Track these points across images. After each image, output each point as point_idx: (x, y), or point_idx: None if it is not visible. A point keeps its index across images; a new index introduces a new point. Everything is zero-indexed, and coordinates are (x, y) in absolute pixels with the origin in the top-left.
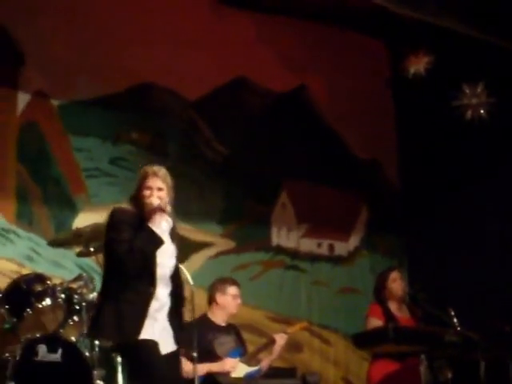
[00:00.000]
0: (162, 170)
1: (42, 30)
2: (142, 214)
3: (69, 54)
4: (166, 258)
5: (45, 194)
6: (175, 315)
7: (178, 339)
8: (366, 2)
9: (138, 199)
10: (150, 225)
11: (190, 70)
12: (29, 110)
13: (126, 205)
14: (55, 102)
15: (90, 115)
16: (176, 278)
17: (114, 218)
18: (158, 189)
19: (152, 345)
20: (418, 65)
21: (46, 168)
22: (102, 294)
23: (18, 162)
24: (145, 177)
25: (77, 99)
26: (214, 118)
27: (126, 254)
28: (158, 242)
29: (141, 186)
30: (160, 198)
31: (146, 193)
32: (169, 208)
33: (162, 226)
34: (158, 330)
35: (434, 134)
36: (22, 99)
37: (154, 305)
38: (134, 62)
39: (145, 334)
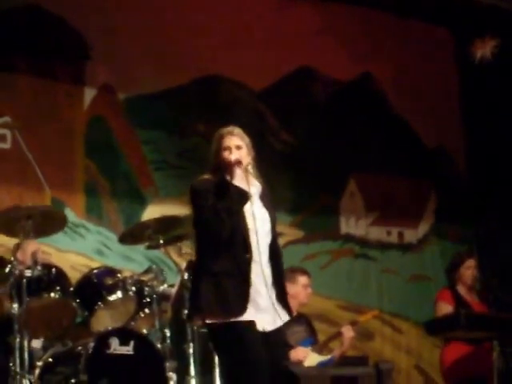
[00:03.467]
0: (236, 129)
1: (107, 24)
2: (223, 179)
3: (134, 47)
4: (258, 223)
5: (113, 187)
6: (279, 286)
7: (287, 311)
8: None
9: (217, 165)
10: (234, 182)
11: (255, 60)
12: (95, 104)
13: (206, 175)
14: (121, 96)
15: (156, 108)
16: (274, 247)
17: (194, 190)
18: (237, 147)
19: (250, 326)
20: (484, 49)
21: (114, 162)
22: (196, 270)
23: (85, 156)
24: (220, 138)
25: (143, 92)
26: (281, 108)
27: (212, 217)
28: (244, 195)
29: (218, 149)
30: (240, 156)
31: (225, 153)
32: (253, 170)
33: (246, 183)
34: (262, 304)
35: (502, 120)
36: (89, 94)
37: (255, 277)
38: (200, 54)
39: (246, 314)
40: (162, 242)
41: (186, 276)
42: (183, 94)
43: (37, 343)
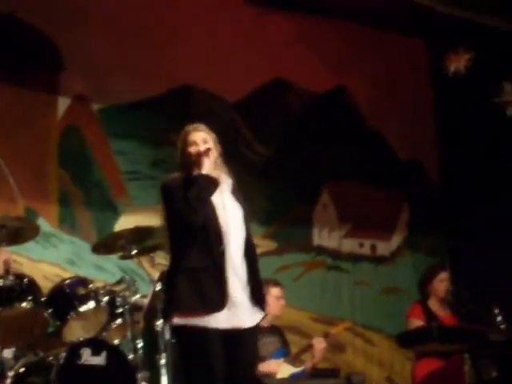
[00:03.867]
0: (201, 125)
1: (81, 35)
2: (191, 174)
3: (108, 58)
4: (229, 215)
5: (87, 197)
6: (254, 283)
7: (261, 307)
8: (406, 1)
9: (184, 161)
10: (201, 171)
11: (229, 71)
12: (69, 114)
13: (174, 174)
14: (95, 106)
15: (130, 118)
16: (249, 243)
17: (164, 187)
18: (203, 141)
19: (215, 336)
20: (458, 62)
21: (88, 172)
22: (171, 267)
23: (59, 166)
24: (186, 135)
25: (117, 102)
26: (255, 119)
27: (183, 207)
28: (213, 182)
29: (184, 145)
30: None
31: (192, 148)
32: (222, 165)
33: (212, 170)
34: (238, 298)
35: (475, 132)
36: (63, 103)
37: (230, 270)
38: (174, 64)
39: (221, 315)
40: (134, 252)
41: (158, 286)
42: (157, 104)
43: (8, 353)
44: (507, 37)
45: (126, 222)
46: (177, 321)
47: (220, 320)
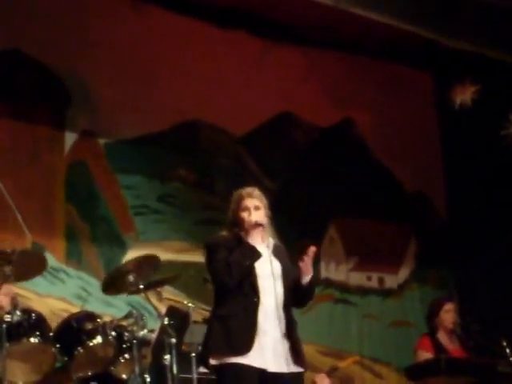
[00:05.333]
0: (256, 191)
1: (87, 71)
2: (238, 236)
3: (114, 93)
4: (265, 271)
5: (93, 232)
6: (293, 333)
7: (298, 361)
8: (413, 35)
9: (234, 223)
10: (249, 240)
11: (236, 106)
12: (76, 149)
13: (223, 232)
14: (102, 141)
15: (136, 153)
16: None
17: (207, 246)
18: (255, 208)
19: (251, 371)
20: (464, 95)
21: (95, 207)
22: (210, 316)
23: (66, 201)
24: (240, 199)
25: (123, 138)
26: (262, 153)
27: (222, 270)
28: (255, 254)
29: (237, 209)
30: (260, 217)
31: (244, 214)
32: (268, 228)
33: (261, 241)
34: (268, 345)
35: (482, 165)
36: (69, 139)
37: (263, 319)
38: (180, 99)
39: (251, 352)
40: (142, 287)
41: (165, 321)
42: (164, 139)
43: None
44: None
45: (133, 257)
46: (213, 362)
47: (249, 360)
